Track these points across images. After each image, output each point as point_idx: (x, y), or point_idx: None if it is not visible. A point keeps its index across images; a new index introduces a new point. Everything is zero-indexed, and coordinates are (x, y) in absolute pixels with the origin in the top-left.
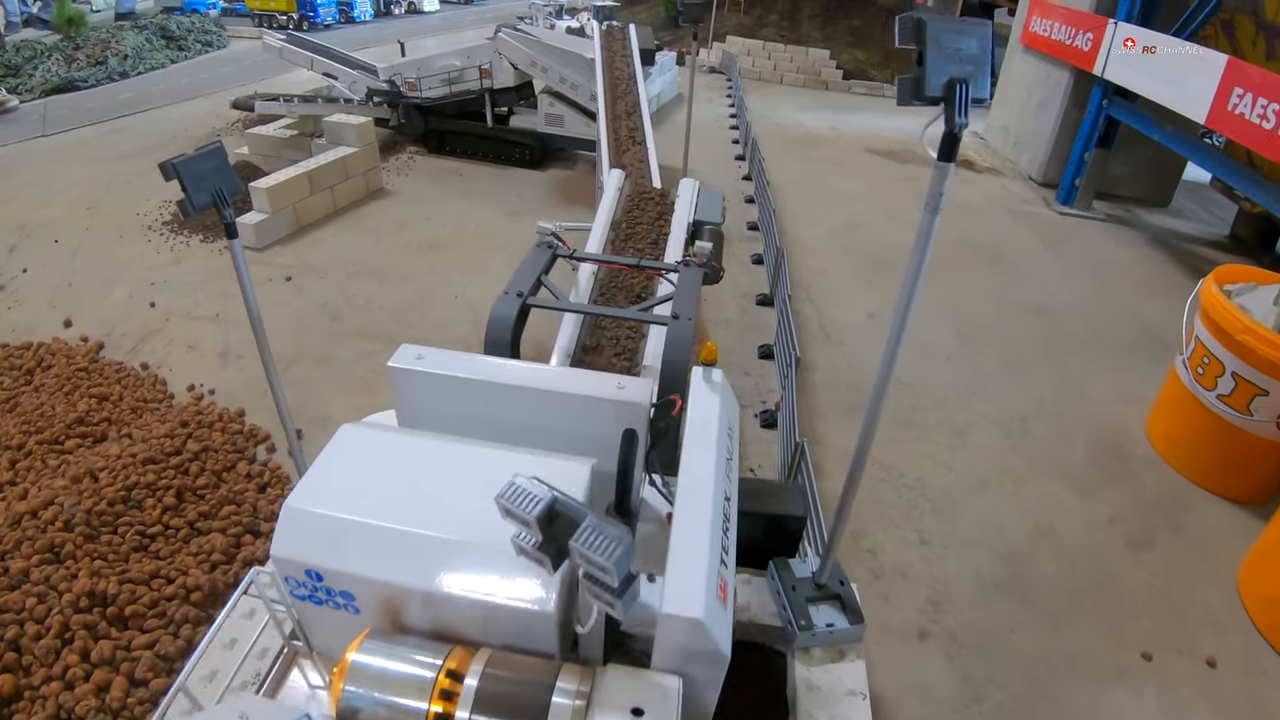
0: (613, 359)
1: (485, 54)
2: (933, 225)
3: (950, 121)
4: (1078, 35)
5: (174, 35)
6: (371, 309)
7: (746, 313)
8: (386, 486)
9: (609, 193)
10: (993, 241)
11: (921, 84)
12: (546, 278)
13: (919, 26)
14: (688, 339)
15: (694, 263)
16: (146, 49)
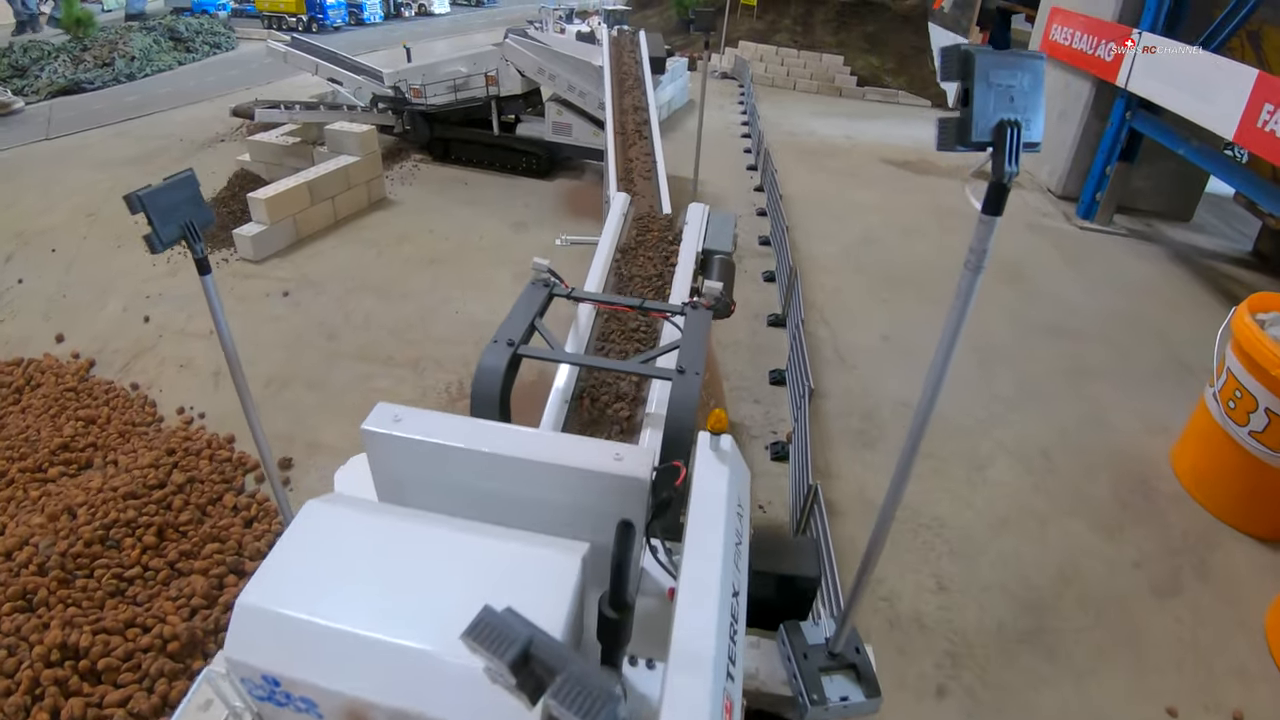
0: (615, 403)
1: (492, 60)
2: (974, 286)
3: (999, 170)
4: (1100, 45)
5: (182, 37)
6: (370, 327)
7: (757, 334)
8: (354, 579)
9: (612, 219)
10: (1011, 257)
11: (967, 127)
12: (541, 321)
13: (966, 60)
14: (694, 396)
15: (702, 305)
16: (154, 50)
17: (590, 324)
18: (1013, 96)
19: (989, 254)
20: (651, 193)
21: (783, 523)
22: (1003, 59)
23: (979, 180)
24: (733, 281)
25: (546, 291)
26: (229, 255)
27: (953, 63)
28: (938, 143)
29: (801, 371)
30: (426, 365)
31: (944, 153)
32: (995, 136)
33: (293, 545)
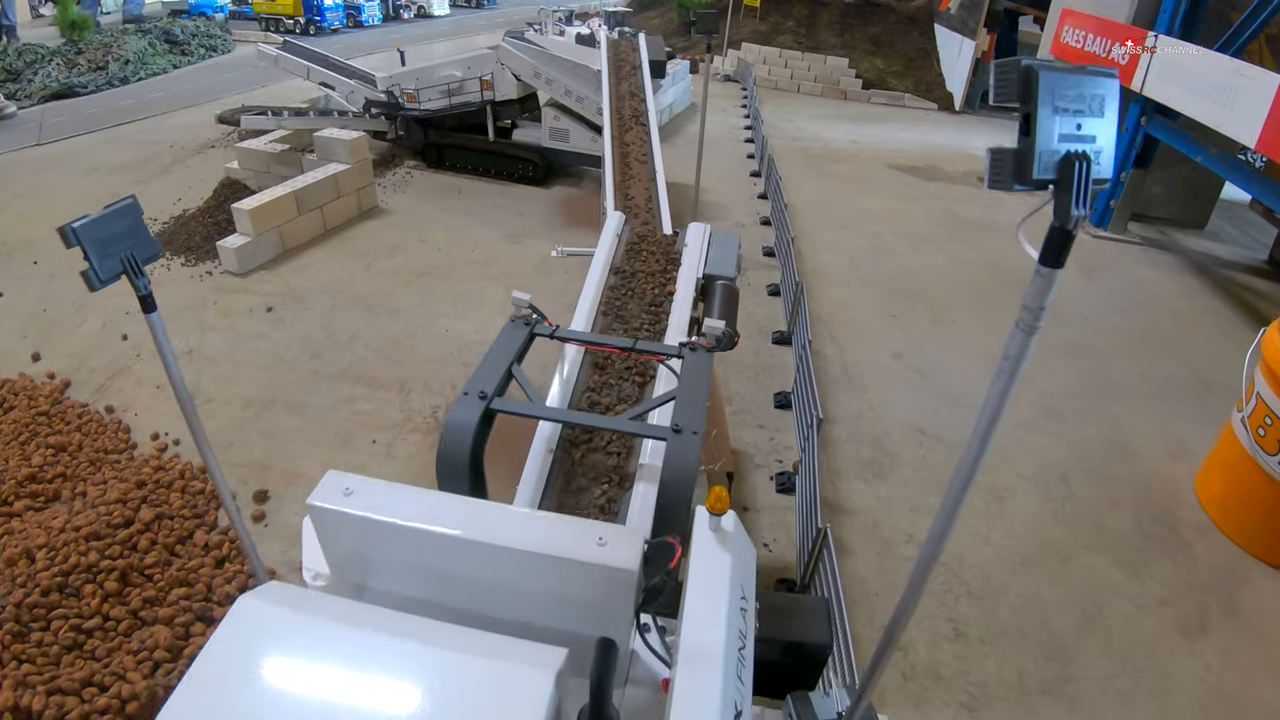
0: (605, 455)
1: (487, 64)
2: (1026, 348)
3: (1063, 213)
4: (1113, 48)
5: (178, 40)
6: (355, 346)
7: (761, 353)
8: (288, 698)
9: (605, 242)
10: (1024, 268)
11: (1027, 161)
12: (519, 368)
13: (1028, 79)
14: (693, 461)
15: (702, 346)
16: (149, 53)
17: (579, 361)
18: (1080, 123)
19: (1045, 312)
20: (650, 208)
21: (788, 563)
22: (1070, 76)
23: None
24: (736, 311)
25: (527, 331)
26: (213, 268)
27: (1010, 81)
28: (989, 179)
29: (809, 399)
30: (413, 387)
31: (951, 157)
32: (1060, 172)
33: (220, 656)
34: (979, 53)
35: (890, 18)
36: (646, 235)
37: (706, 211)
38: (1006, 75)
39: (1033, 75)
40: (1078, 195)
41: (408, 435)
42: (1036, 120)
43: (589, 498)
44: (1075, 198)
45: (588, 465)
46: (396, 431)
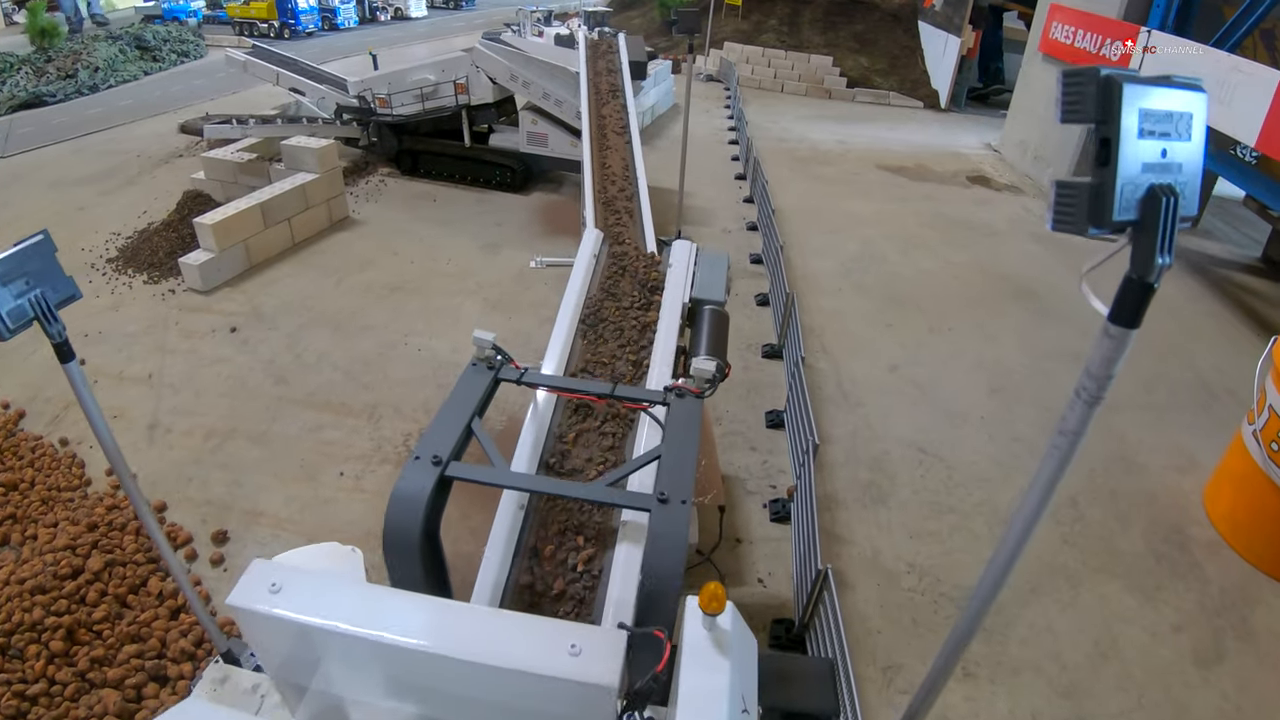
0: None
1: (461, 67)
2: (1086, 420)
3: (1144, 263)
4: (1105, 44)
5: (149, 46)
6: (323, 368)
7: (751, 368)
8: None
9: (581, 264)
10: (1019, 272)
11: (1106, 199)
12: (479, 424)
13: (1108, 92)
14: (681, 535)
15: (690, 391)
16: (119, 60)
17: (551, 407)
18: (1165, 148)
19: (1113, 380)
20: (632, 221)
21: (784, 600)
22: (1157, 90)
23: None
24: (727, 341)
25: (490, 376)
26: (176, 285)
27: (1085, 95)
28: (1054, 220)
29: (804, 421)
30: (383, 413)
31: (939, 156)
32: (1144, 211)
33: None
34: (964, 50)
35: (874, 15)
36: (627, 255)
37: (691, 217)
38: (1080, 88)
39: (1115, 88)
40: (1163, 240)
41: (377, 466)
42: (1119, 146)
43: (565, 566)
44: (1161, 242)
45: (564, 519)
46: (365, 462)
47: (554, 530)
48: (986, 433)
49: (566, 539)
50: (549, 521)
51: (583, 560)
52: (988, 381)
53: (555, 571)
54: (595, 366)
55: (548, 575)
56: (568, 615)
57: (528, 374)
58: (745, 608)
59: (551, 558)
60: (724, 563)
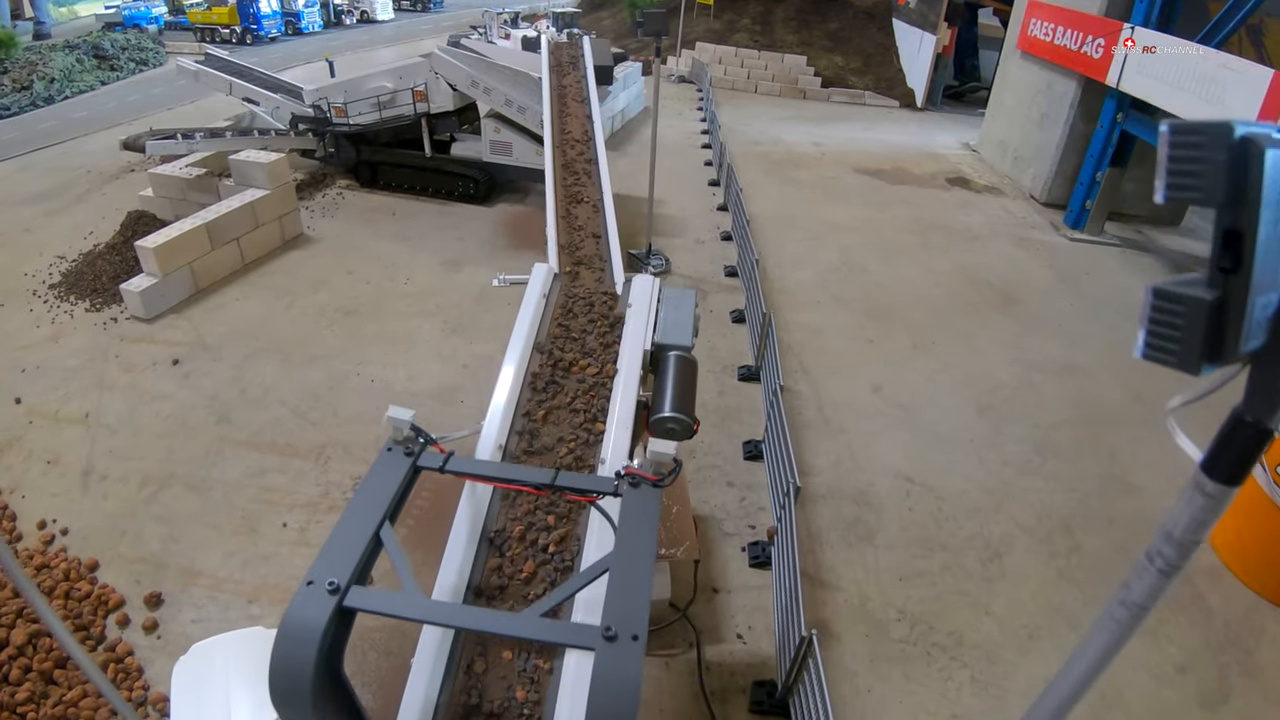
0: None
1: (420, 74)
2: (1159, 593)
3: (1267, 403)
4: (1086, 41)
5: (107, 54)
6: (268, 403)
7: (726, 392)
8: None
9: (527, 309)
10: (1002, 278)
11: (1232, 322)
12: (391, 532)
13: (1244, 157)
14: (632, 679)
15: (646, 479)
16: (76, 70)
17: (485, 499)
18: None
19: (1195, 549)
20: (597, 243)
21: (766, 657)
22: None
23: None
24: (694, 391)
25: (408, 464)
26: (119, 313)
27: (1209, 164)
28: (1145, 346)
29: (785, 461)
30: (332, 454)
31: (916, 157)
32: (1277, 335)
33: None
34: (940, 47)
35: (848, 13)
36: (580, 296)
37: (663, 227)
38: (1198, 152)
39: (1255, 156)
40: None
41: (323, 515)
42: (1257, 243)
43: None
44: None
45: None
46: (311, 511)
47: (490, 653)
48: (976, 457)
49: (507, 665)
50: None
51: (521, 695)
52: (975, 399)
53: (496, 695)
54: (542, 432)
55: (487, 692)
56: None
57: (452, 460)
58: (724, 667)
59: (486, 674)
60: (700, 616)
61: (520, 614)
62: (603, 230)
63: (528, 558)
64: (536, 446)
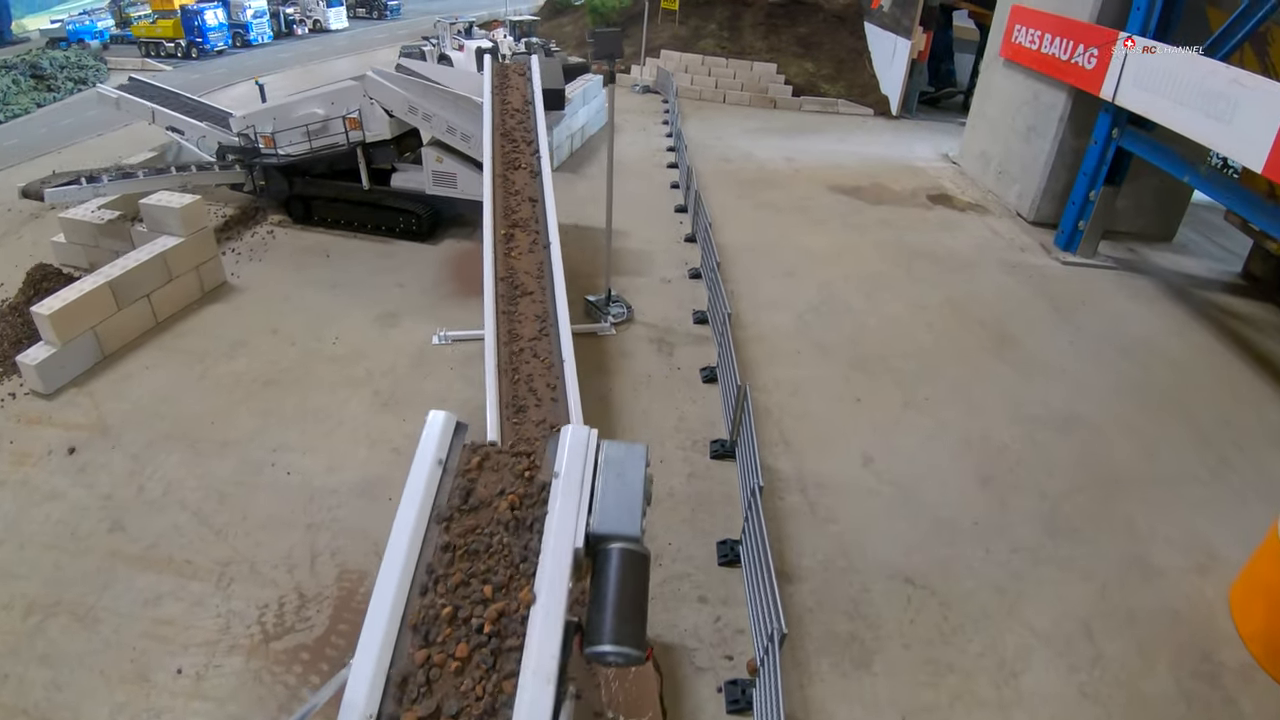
0: None
1: (353, 99)
2: None
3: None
4: (1077, 51)
5: (44, 74)
6: (169, 506)
7: (697, 474)
8: None
9: (414, 493)
10: (995, 313)
11: None
12: None
13: None
14: None
15: None
16: (11, 92)
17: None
18: None
19: None
20: (545, 341)
21: None
22: None
23: None
24: (646, 605)
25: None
26: (16, 388)
27: None
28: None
29: (769, 601)
30: (236, 574)
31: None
32: None
33: None
34: (915, 53)
35: (817, 16)
36: (491, 462)
37: (624, 264)
38: None
39: None
40: None
41: (223, 658)
42: None
43: None
44: None
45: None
46: (209, 652)
47: None
48: (983, 545)
49: None
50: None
51: None
52: (976, 468)
53: None
54: (435, 689)
55: None
56: None
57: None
58: None
59: None
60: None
61: None
62: (550, 313)
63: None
64: (423, 714)
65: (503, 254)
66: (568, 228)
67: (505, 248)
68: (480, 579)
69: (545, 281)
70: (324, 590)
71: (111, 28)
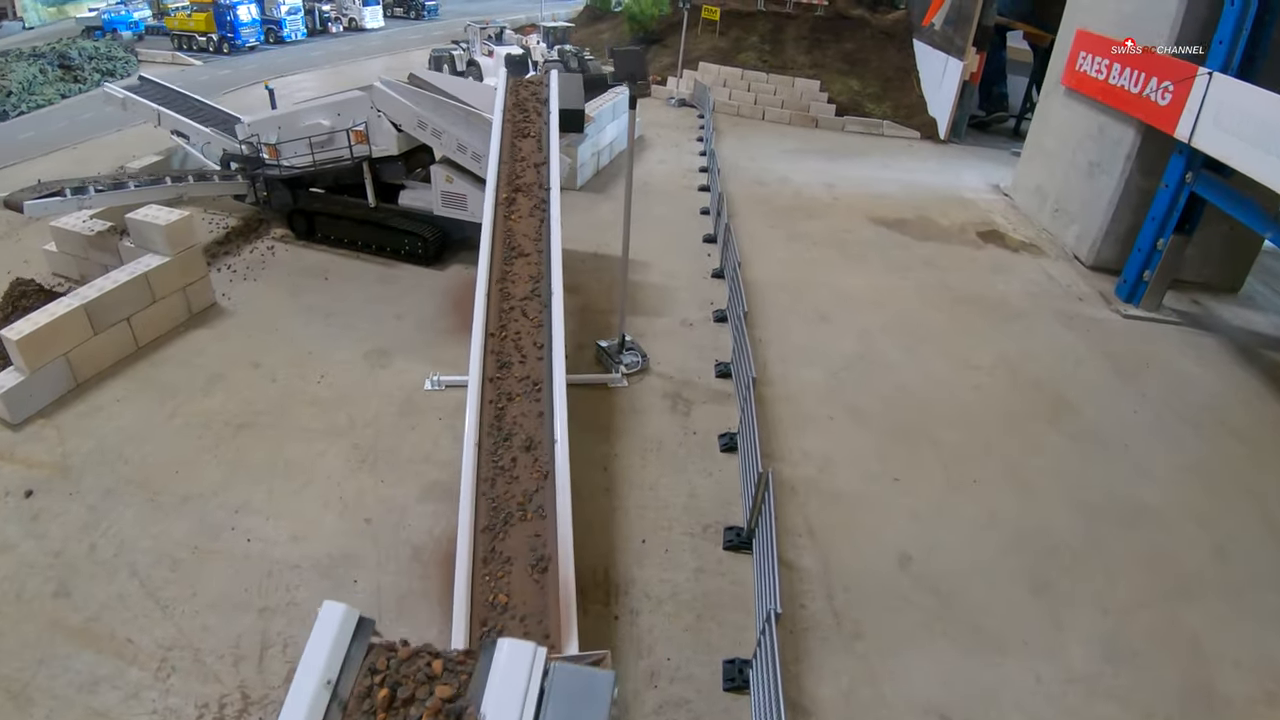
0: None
1: (360, 110)
2: None
3: None
4: (1150, 84)
5: (73, 64)
6: (118, 569)
7: (707, 570)
8: None
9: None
10: (1051, 374)
11: None
12: None
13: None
14: None
15: None
16: (38, 82)
17: None
18: None
19: None
20: (533, 405)
21: None
22: None
23: None
24: None
25: None
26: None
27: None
28: None
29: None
30: (179, 661)
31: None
32: None
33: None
34: (967, 74)
35: (864, 32)
36: (398, 676)
37: (644, 302)
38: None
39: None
40: None
41: None
42: None
43: None
44: None
45: None
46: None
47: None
48: (1033, 673)
49: None
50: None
51: None
52: (1030, 571)
53: None
54: None
55: None
56: None
57: None
58: None
59: None
60: None
61: None
62: (546, 407)
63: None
64: None
65: (496, 308)
66: (585, 256)
67: (500, 295)
68: None
69: (544, 336)
70: (270, 693)
71: (149, 19)
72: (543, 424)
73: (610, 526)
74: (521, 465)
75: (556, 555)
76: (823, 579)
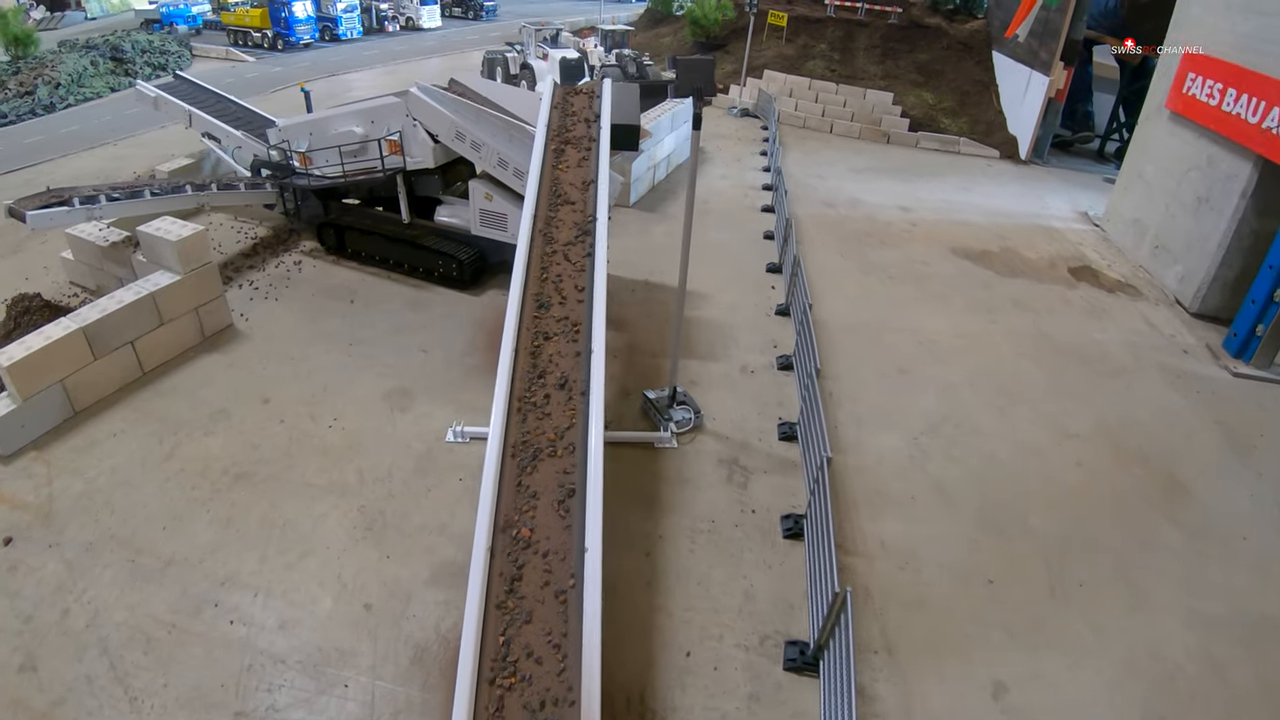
0: None
1: (394, 118)
2: None
3: None
4: (1271, 114)
5: (124, 57)
6: (88, 645)
7: (761, 699)
8: None
9: None
10: (1159, 446)
11: None
12: None
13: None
14: None
15: None
16: (88, 75)
17: None
18: None
19: None
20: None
21: None
22: None
23: None
24: None
25: None
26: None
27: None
28: None
29: None
30: None
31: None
32: None
33: None
34: (1053, 91)
35: (940, 42)
36: None
37: (698, 342)
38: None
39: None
40: None
41: None
42: None
43: None
44: None
45: None
46: None
47: None
48: None
49: None
50: None
51: None
52: (1142, 708)
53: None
54: None
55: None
56: None
57: None
58: None
59: None
60: None
61: None
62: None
63: None
64: None
65: (525, 369)
66: (635, 284)
67: (530, 350)
68: None
69: (577, 405)
70: None
71: (207, 13)
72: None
73: (650, 633)
74: (542, 600)
75: (580, 698)
76: (902, 714)
